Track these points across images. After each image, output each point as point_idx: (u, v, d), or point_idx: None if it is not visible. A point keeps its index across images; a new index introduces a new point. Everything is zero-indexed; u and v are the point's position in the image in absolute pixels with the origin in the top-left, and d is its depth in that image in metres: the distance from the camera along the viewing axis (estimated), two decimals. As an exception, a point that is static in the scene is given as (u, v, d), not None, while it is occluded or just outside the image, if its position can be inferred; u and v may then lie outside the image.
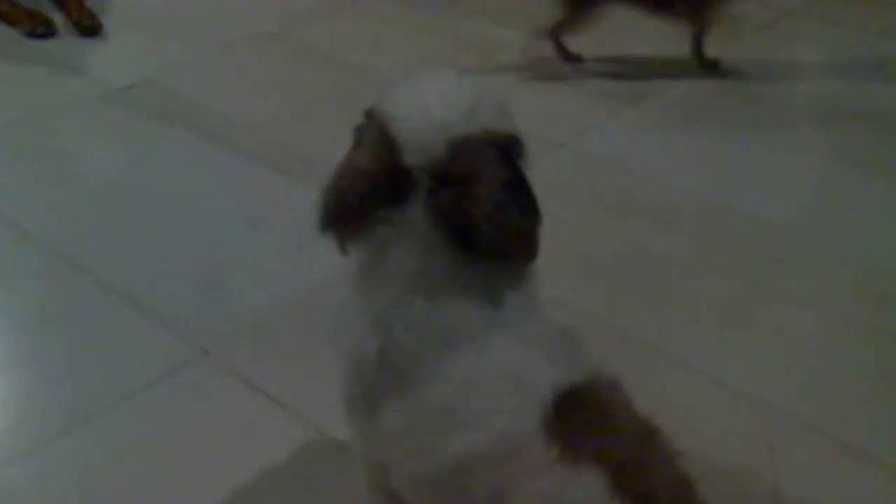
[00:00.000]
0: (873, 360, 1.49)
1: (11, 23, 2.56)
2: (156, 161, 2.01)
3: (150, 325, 1.54)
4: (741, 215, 1.83)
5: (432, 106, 0.91)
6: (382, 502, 1.09)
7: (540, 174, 0.97)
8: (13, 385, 1.46)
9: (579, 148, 2.05)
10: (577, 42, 2.46)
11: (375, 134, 0.93)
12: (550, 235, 0.99)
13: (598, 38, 2.46)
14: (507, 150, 0.93)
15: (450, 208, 0.90)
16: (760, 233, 1.78)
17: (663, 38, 2.49)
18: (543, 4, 2.28)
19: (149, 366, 1.45)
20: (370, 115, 0.96)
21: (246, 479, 1.26)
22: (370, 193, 0.92)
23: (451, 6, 2.74)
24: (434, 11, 2.71)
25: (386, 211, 0.92)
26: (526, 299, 0.96)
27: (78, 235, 1.77)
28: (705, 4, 2.29)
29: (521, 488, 0.87)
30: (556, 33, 2.39)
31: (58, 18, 2.59)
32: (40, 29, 2.53)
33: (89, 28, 2.54)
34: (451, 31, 2.59)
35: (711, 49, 2.38)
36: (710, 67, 2.37)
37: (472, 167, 0.90)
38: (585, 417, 0.88)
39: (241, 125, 2.13)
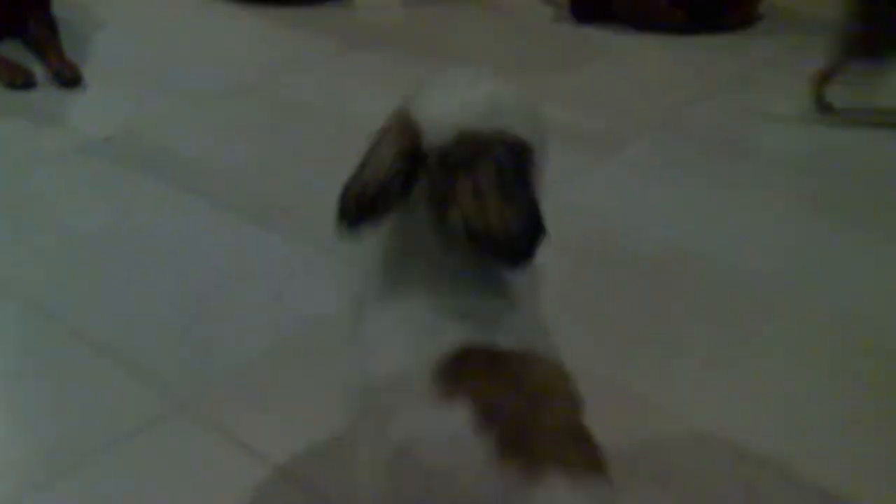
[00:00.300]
0: (853, 408, 1.49)
1: (-9, 75, 2.57)
2: (134, 212, 2.00)
3: (126, 376, 1.53)
4: (721, 264, 1.84)
5: (453, 96, 0.99)
6: None
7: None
8: (-13, 438, 1.44)
9: (560, 197, 2.05)
10: (563, 91, 2.50)
11: (398, 124, 1.00)
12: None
13: (576, 88, 2.49)
14: (516, 153, 0.97)
15: (440, 192, 0.96)
16: (740, 281, 1.79)
17: (641, 87, 2.52)
18: (522, 56, 2.31)
19: (126, 418, 1.44)
20: (396, 112, 1.02)
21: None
22: (394, 178, 0.98)
23: (431, 58, 2.78)
24: (413, 62, 2.74)
25: (404, 193, 0.99)
26: (499, 292, 1.01)
27: (55, 287, 1.75)
28: None
29: (399, 418, 0.94)
30: (825, 79, 2.39)
31: (38, 70, 2.60)
32: (20, 80, 2.53)
33: (70, 80, 2.55)
34: (430, 81, 2.62)
35: (689, 96, 2.41)
36: None
37: (469, 157, 0.95)
38: (483, 368, 0.94)
39: (221, 176, 2.13)
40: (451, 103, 0.98)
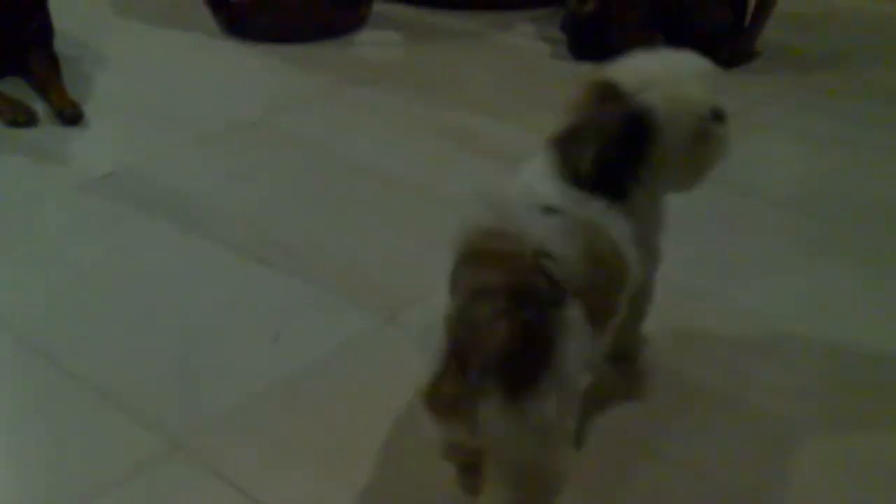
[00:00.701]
0: (846, 447, 1.49)
1: (-7, 112, 2.58)
2: (133, 249, 2.01)
3: (122, 417, 1.52)
4: (721, 303, 1.84)
5: (632, 63, 1.33)
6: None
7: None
8: (-17, 481, 1.43)
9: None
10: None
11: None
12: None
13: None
14: (632, 122, 1.27)
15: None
16: (740, 321, 1.79)
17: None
18: (520, 92, 2.33)
19: (121, 460, 1.44)
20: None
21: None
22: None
23: (430, 95, 2.79)
24: (413, 100, 2.76)
25: None
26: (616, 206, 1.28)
27: (52, 325, 1.76)
28: None
29: None
30: None
31: (40, 107, 2.61)
32: (21, 118, 2.54)
33: (71, 116, 2.56)
34: (430, 118, 2.63)
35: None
36: None
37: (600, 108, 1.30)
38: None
39: (220, 213, 2.14)
40: (627, 68, 1.31)
